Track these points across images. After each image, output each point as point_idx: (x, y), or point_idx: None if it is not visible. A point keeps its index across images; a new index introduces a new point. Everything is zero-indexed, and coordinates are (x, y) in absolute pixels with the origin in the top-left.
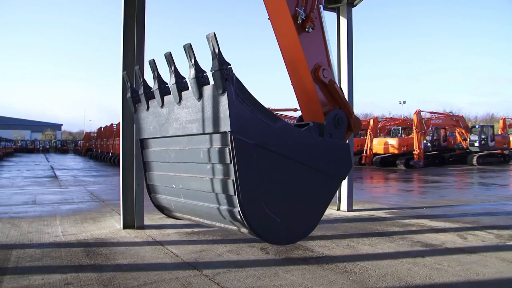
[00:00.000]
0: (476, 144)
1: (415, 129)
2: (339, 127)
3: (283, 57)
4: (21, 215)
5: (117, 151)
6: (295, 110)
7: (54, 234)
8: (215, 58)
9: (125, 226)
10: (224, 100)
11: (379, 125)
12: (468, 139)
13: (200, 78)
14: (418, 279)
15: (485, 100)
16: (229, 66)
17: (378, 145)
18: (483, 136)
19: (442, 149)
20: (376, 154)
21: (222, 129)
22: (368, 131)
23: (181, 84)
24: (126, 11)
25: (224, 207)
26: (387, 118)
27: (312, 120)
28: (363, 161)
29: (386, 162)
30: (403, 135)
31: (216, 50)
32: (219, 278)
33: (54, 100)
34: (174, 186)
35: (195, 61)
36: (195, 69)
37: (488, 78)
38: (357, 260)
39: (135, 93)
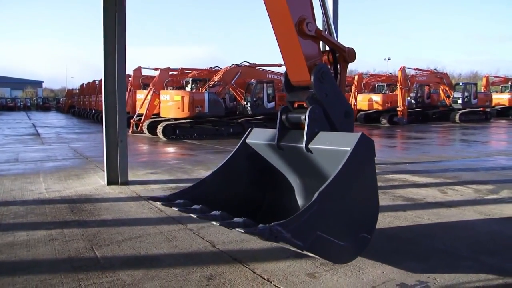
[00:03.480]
0: (459, 101)
1: (399, 86)
2: (324, 80)
3: (267, 11)
4: (3, 173)
5: (100, 108)
6: (279, 65)
7: (38, 191)
8: (255, 235)
9: (109, 182)
10: (285, 244)
11: (364, 82)
12: (452, 97)
13: (248, 232)
14: (399, 231)
15: (471, 58)
16: (267, 232)
17: (362, 101)
18: (466, 94)
19: (425, 106)
20: (360, 110)
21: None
22: (353, 87)
23: (229, 224)
24: None
25: None
26: (371, 74)
27: (296, 75)
28: None
29: (370, 119)
30: (387, 92)
31: (255, 235)
32: (204, 232)
33: (34, 57)
34: None
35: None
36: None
37: (476, 37)
38: None
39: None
